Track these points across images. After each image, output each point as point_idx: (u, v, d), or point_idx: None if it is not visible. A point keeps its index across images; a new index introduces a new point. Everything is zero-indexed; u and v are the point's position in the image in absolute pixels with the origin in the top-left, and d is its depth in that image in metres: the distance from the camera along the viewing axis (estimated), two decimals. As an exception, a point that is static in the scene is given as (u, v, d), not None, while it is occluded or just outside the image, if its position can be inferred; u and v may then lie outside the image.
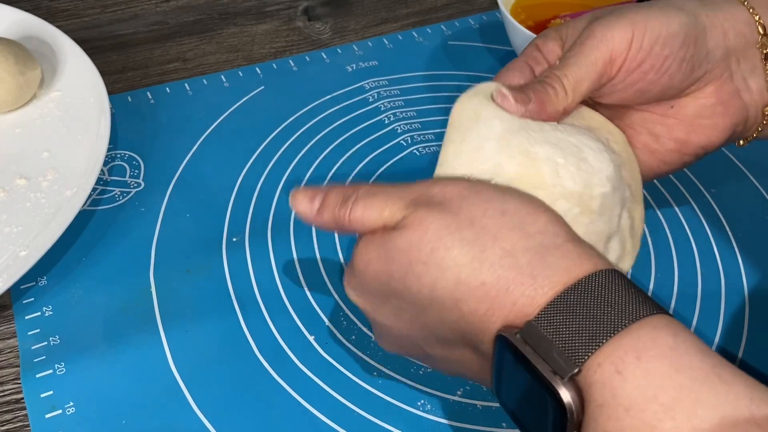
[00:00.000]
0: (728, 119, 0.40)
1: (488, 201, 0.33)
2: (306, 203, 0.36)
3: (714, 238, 0.51)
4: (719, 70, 0.40)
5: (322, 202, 0.36)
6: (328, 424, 0.40)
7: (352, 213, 0.35)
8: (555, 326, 0.29)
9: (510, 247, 0.31)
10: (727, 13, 0.40)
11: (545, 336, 0.29)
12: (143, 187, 0.52)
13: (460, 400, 0.42)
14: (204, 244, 0.49)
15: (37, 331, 0.44)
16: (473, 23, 0.68)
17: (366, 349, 0.44)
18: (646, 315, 0.29)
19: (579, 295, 0.29)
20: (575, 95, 0.38)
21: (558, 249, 0.31)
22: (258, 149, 0.55)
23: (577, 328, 0.29)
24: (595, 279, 0.30)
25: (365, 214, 0.34)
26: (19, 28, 0.60)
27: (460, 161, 0.36)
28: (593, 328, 0.28)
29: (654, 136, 0.41)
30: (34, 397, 0.41)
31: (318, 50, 0.65)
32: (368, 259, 0.34)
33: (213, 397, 0.41)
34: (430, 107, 0.60)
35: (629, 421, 0.26)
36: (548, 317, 0.29)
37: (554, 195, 0.35)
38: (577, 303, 0.29)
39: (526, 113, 0.37)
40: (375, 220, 0.34)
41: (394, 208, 0.34)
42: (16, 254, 0.45)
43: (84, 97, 0.55)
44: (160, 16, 0.68)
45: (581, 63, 0.38)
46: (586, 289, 0.29)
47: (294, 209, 0.37)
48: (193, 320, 0.45)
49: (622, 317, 0.28)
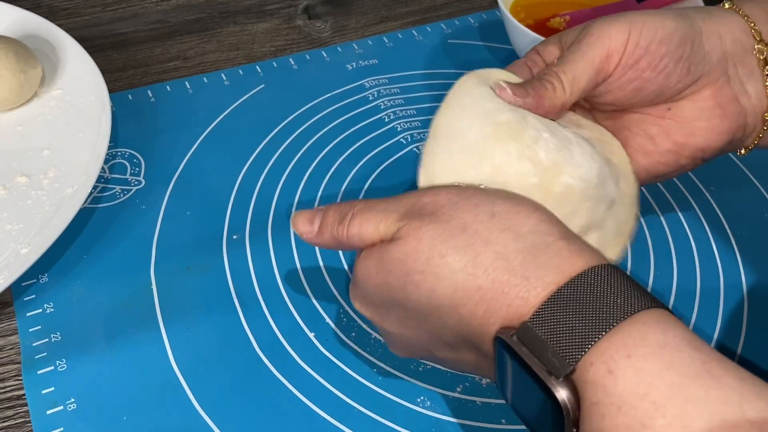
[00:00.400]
0: (726, 123, 0.41)
1: (478, 206, 0.33)
2: (306, 225, 0.38)
3: (713, 236, 0.51)
4: (716, 74, 0.40)
5: (321, 223, 0.37)
6: (328, 420, 0.41)
7: (349, 230, 0.35)
8: (549, 326, 0.29)
9: (502, 250, 0.31)
10: (723, 20, 0.40)
11: (540, 336, 0.29)
12: (144, 184, 0.53)
13: (459, 397, 0.42)
14: (204, 241, 0.49)
15: (39, 328, 0.44)
16: (473, 22, 0.68)
17: (366, 346, 0.44)
18: (638, 310, 0.29)
19: (571, 293, 0.30)
20: (573, 90, 0.38)
21: (549, 248, 0.31)
22: (258, 147, 0.56)
23: (569, 327, 0.29)
24: (587, 276, 0.30)
25: (362, 229, 0.35)
26: (20, 27, 0.60)
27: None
28: (584, 327, 0.29)
29: (649, 137, 0.42)
30: (35, 393, 0.41)
31: (318, 49, 0.65)
32: (368, 273, 0.35)
33: (213, 393, 0.41)
34: (430, 105, 0.60)
35: (622, 419, 0.27)
36: (542, 317, 0.29)
37: (524, 153, 0.36)
38: (568, 302, 0.29)
39: (523, 105, 0.38)
40: (372, 235, 0.35)
41: (388, 222, 0.34)
42: (18, 251, 0.45)
43: (85, 96, 0.55)
44: (161, 15, 0.68)
45: (579, 59, 0.38)
46: (577, 287, 0.30)
47: (295, 231, 0.38)
48: (193, 317, 0.45)
49: (612, 314, 0.29)
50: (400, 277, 0.33)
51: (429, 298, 0.32)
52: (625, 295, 0.29)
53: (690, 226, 0.51)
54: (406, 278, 0.33)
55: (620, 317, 0.28)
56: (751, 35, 0.40)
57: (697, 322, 0.46)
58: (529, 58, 0.42)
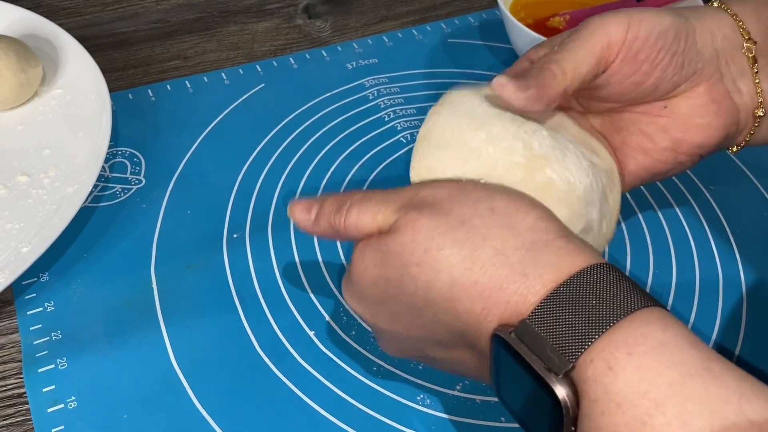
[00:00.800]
0: (722, 118, 0.41)
1: (478, 201, 0.33)
2: (303, 213, 0.37)
3: (712, 235, 0.51)
4: (709, 70, 0.40)
5: (318, 211, 0.37)
6: (328, 418, 0.41)
7: (347, 219, 0.35)
8: (548, 324, 0.29)
9: (500, 246, 0.31)
10: (713, 18, 0.41)
11: (539, 334, 0.29)
12: (144, 183, 0.53)
13: (459, 395, 0.42)
14: (205, 240, 0.49)
15: (39, 327, 0.44)
16: (473, 21, 0.69)
17: (365, 344, 0.44)
18: (638, 308, 0.29)
19: (570, 291, 0.30)
20: (575, 76, 0.38)
21: (548, 246, 0.31)
22: (258, 146, 0.56)
23: (569, 324, 0.29)
24: (587, 274, 0.30)
25: (359, 219, 0.35)
26: (21, 26, 0.60)
27: None
28: (585, 325, 0.29)
29: (647, 136, 0.42)
30: (36, 391, 0.41)
31: (318, 48, 0.65)
32: (365, 266, 0.34)
33: (213, 391, 0.42)
34: (430, 105, 0.59)
35: (621, 416, 0.27)
36: (541, 315, 0.29)
37: (519, 135, 0.36)
38: (568, 299, 0.29)
39: (526, 101, 0.36)
40: (369, 225, 0.35)
41: (386, 213, 0.34)
42: (18, 250, 0.45)
43: (85, 95, 0.56)
44: (161, 14, 0.68)
45: (579, 47, 0.38)
46: (577, 285, 0.30)
47: (292, 219, 0.38)
48: (193, 316, 0.45)
49: (612, 312, 0.29)
50: (397, 270, 0.33)
51: (425, 291, 0.32)
52: (624, 293, 0.29)
53: (689, 226, 0.51)
54: (402, 270, 0.33)
55: (621, 315, 0.28)
56: (740, 33, 0.41)
57: (696, 321, 0.46)
58: (521, 66, 0.42)
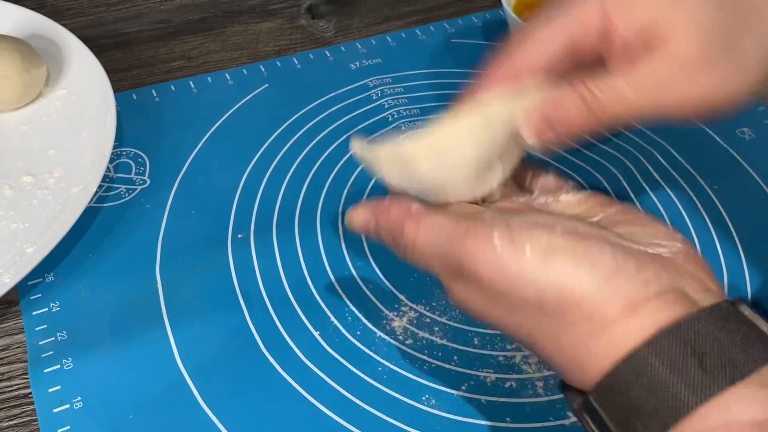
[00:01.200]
0: None
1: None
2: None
3: (717, 235, 0.51)
4: None
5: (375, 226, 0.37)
6: (333, 418, 0.41)
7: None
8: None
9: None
10: None
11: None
12: (149, 184, 0.53)
13: (464, 395, 0.42)
14: (209, 240, 0.49)
15: (45, 327, 0.44)
16: (476, 21, 0.69)
17: (371, 344, 0.44)
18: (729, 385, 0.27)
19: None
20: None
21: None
22: (262, 146, 0.56)
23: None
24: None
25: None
26: (25, 27, 0.60)
27: None
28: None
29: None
30: (41, 391, 0.41)
31: (322, 48, 0.65)
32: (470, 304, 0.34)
33: (219, 391, 0.42)
34: (433, 105, 0.60)
35: None
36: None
37: None
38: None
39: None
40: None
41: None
42: (23, 251, 0.45)
43: (89, 95, 0.56)
44: (165, 15, 0.68)
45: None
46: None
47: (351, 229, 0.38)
48: (198, 316, 0.45)
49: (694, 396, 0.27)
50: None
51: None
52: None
53: (694, 226, 0.51)
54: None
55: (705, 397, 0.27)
56: None
57: (701, 321, 0.46)
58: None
